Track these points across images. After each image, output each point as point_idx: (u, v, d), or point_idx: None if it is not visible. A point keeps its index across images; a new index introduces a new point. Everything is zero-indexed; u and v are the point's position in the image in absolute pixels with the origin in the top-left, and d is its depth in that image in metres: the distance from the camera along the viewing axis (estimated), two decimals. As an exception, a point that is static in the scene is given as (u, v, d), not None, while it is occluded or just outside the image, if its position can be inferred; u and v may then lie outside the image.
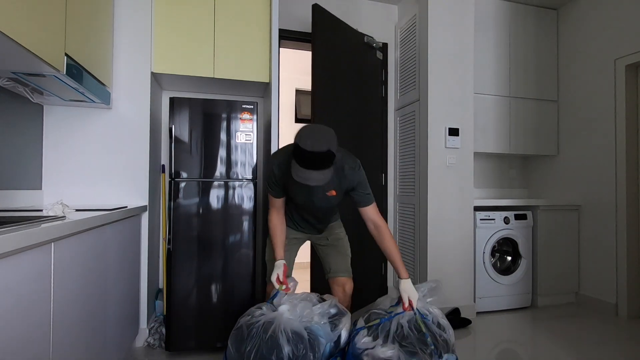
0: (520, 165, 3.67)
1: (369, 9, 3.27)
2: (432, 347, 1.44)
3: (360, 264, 3.10)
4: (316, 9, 2.57)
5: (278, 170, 1.57)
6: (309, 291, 2.57)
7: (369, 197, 1.65)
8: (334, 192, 1.60)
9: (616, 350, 2.22)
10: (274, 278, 1.63)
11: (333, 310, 1.58)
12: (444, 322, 1.57)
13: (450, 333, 1.53)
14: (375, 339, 1.49)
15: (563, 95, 3.36)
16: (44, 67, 1.36)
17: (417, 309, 1.54)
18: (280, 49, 2.76)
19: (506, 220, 2.93)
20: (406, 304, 1.54)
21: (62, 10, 1.45)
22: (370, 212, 1.65)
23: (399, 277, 1.61)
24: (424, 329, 1.48)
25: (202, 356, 2.11)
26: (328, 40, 2.70)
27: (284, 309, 1.51)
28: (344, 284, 1.83)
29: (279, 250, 1.69)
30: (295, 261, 1.93)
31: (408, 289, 1.56)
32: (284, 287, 1.63)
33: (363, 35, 3.05)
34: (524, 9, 3.32)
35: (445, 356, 1.45)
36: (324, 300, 1.65)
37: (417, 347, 1.43)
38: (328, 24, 2.73)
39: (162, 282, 2.59)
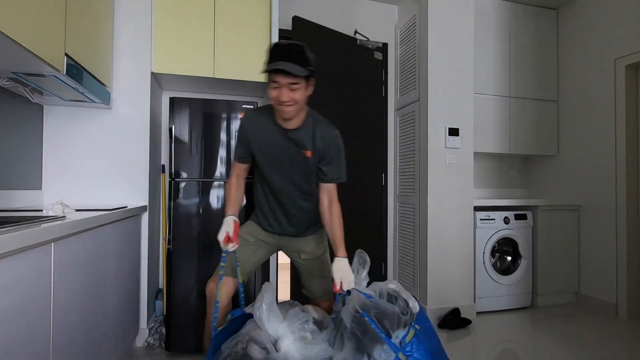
0: (520, 165, 3.67)
1: (369, 9, 3.27)
2: (387, 327, 1.25)
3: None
4: (296, 20, 2.69)
5: (249, 124, 1.51)
6: (289, 296, 2.54)
7: (341, 173, 1.56)
8: (309, 153, 1.47)
9: (616, 350, 2.22)
10: (221, 236, 1.46)
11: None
12: (396, 289, 1.40)
13: (410, 303, 1.36)
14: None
15: (563, 95, 3.36)
16: (44, 67, 1.36)
17: (358, 291, 1.37)
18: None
19: (506, 220, 2.93)
20: (337, 285, 1.41)
21: (62, 10, 1.45)
22: (333, 188, 1.56)
23: (335, 255, 1.50)
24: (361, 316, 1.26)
25: (202, 356, 2.11)
26: (313, 48, 2.74)
27: (288, 346, 1.29)
28: (319, 304, 1.65)
29: (230, 207, 1.55)
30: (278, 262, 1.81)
31: (342, 268, 1.44)
32: (231, 245, 1.46)
33: (356, 39, 3.07)
34: (524, 9, 3.32)
35: (399, 333, 1.26)
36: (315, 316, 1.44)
37: (366, 339, 1.24)
38: (312, 34, 2.82)
39: (162, 282, 2.59)
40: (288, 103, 1.35)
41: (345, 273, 1.43)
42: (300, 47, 1.35)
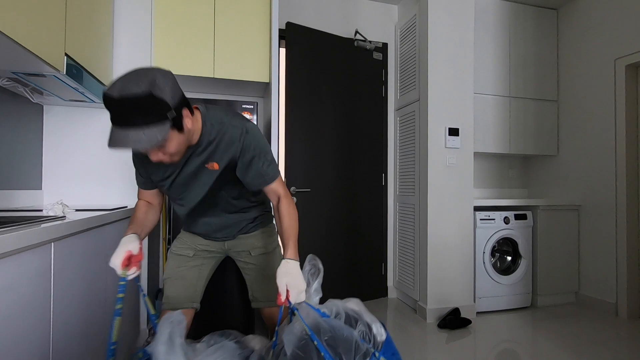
0: (520, 165, 3.67)
1: (369, 9, 3.27)
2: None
3: (358, 263, 3.12)
4: (289, 26, 2.77)
5: (138, 156, 1.24)
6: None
7: (273, 169, 1.25)
8: (215, 165, 1.21)
9: (616, 350, 2.22)
10: (117, 258, 1.14)
11: None
12: (357, 311, 1.17)
13: (374, 328, 1.14)
14: None
15: (563, 95, 3.36)
16: (44, 67, 1.36)
17: (304, 305, 1.11)
18: (280, 48, 2.78)
19: (506, 220, 2.93)
20: (282, 296, 1.09)
21: (62, 10, 1.45)
22: (276, 186, 1.27)
23: (283, 257, 1.19)
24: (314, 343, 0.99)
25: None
26: (306, 53, 2.90)
27: None
28: (272, 313, 1.41)
29: (132, 227, 1.25)
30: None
31: (290, 273, 1.12)
32: (129, 272, 1.16)
33: (353, 40, 3.09)
34: (524, 9, 3.32)
35: None
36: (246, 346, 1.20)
37: None
38: (306, 38, 2.89)
39: (162, 282, 2.59)
40: (167, 160, 1.09)
41: (293, 279, 1.11)
42: (141, 96, 0.91)
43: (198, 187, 1.26)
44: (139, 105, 0.92)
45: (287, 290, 1.10)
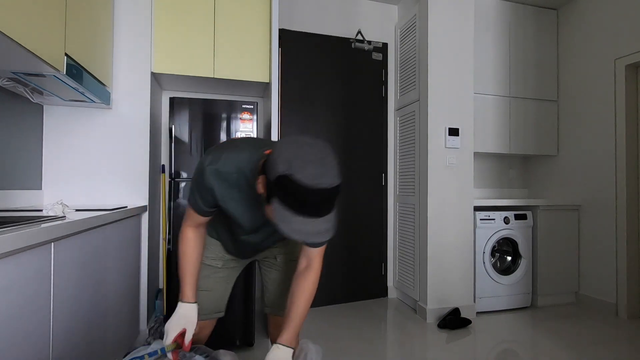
0: (520, 165, 3.67)
1: (369, 9, 3.27)
2: None
3: (358, 263, 3.12)
4: (283, 33, 2.85)
5: (220, 184, 1.01)
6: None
7: (328, 233, 1.03)
8: None
9: (616, 350, 2.22)
10: (173, 333, 1.06)
11: None
12: None
13: None
14: None
15: (563, 95, 3.36)
16: (44, 67, 1.36)
17: None
18: (280, 48, 2.80)
19: (506, 220, 2.93)
20: None
21: (62, 11, 1.45)
22: (318, 252, 1.13)
23: (275, 340, 1.05)
24: None
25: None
26: (301, 58, 2.98)
27: None
28: (280, 326, 1.27)
29: (189, 282, 1.13)
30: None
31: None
32: (173, 348, 1.06)
33: (351, 41, 3.11)
34: (523, 9, 3.32)
35: None
36: None
37: None
38: (301, 43, 2.97)
39: (162, 282, 2.59)
40: None
41: None
42: (339, 185, 0.81)
43: (266, 226, 1.13)
44: (333, 196, 0.80)
45: None
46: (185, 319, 1.10)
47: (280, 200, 0.79)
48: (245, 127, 2.21)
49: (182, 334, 1.09)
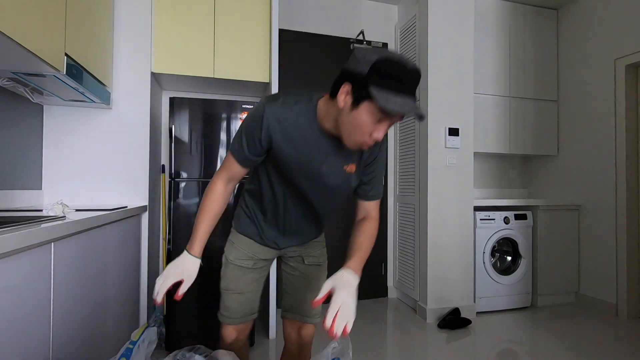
0: (520, 165, 3.67)
1: (369, 9, 3.27)
2: None
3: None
4: (283, 33, 2.85)
5: (277, 124, 0.99)
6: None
7: (381, 188, 1.21)
8: (353, 167, 1.08)
9: (616, 350, 2.22)
10: (167, 282, 1.05)
11: None
12: None
13: None
14: None
15: (563, 95, 3.36)
16: (44, 67, 1.36)
17: None
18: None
19: (506, 220, 2.93)
20: (327, 324, 0.85)
21: (62, 10, 1.45)
22: (375, 205, 1.23)
23: (344, 266, 1.01)
24: None
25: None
26: (302, 57, 3.00)
27: None
28: (305, 330, 1.30)
29: (199, 235, 1.11)
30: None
31: (347, 287, 0.92)
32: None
33: (350, 41, 3.12)
34: (523, 9, 3.32)
35: None
36: None
37: None
38: (300, 43, 2.99)
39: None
40: (371, 145, 0.95)
41: (348, 297, 0.90)
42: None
43: (325, 182, 1.08)
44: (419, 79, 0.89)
45: (337, 312, 0.86)
46: (186, 271, 1.08)
47: (377, 88, 0.83)
48: (245, 127, 2.21)
49: (177, 284, 1.07)
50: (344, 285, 0.92)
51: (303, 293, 1.29)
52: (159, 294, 1.04)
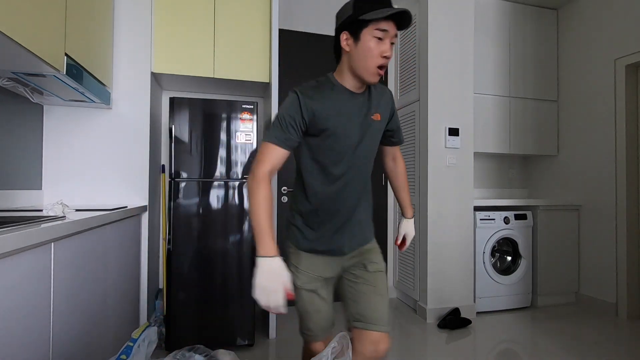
0: (520, 165, 3.67)
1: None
2: None
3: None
4: (283, 33, 2.86)
5: (311, 100, 1.09)
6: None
7: (402, 134, 1.40)
8: (378, 116, 1.20)
9: (616, 350, 2.22)
10: (280, 296, 0.96)
11: None
12: None
13: None
14: None
15: (563, 95, 3.36)
16: (44, 67, 1.36)
17: None
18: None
19: (506, 220, 2.93)
20: (399, 240, 1.44)
21: (62, 10, 1.45)
22: (397, 149, 1.44)
23: (404, 216, 1.46)
24: None
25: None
26: (302, 56, 3.03)
27: None
28: (379, 341, 1.18)
29: (268, 232, 1.02)
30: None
31: (408, 227, 1.45)
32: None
33: None
34: (523, 9, 3.32)
35: None
36: None
37: None
38: (300, 43, 3.01)
39: (162, 282, 2.59)
40: (387, 64, 1.10)
41: (410, 231, 1.45)
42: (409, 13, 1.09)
43: (360, 145, 1.16)
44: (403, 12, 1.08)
45: (405, 239, 1.44)
46: (279, 276, 0.97)
47: (364, 13, 1.03)
48: (245, 127, 2.21)
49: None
50: (410, 229, 1.47)
51: (371, 299, 1.22)
52: (281, 309, 0.97)
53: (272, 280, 0.96)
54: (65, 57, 1.48)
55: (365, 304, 1.21)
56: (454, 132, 2.76)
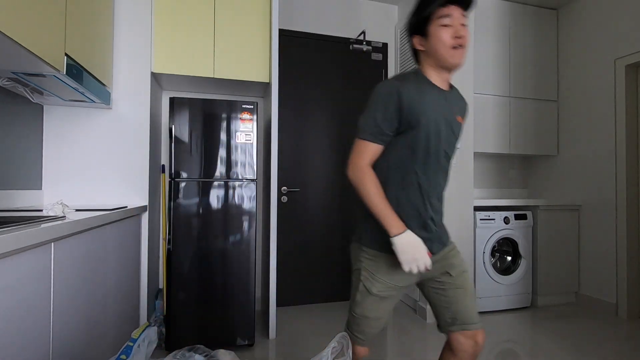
0: (520, 165, 3.67)
1: (369, 9, 3.27)
2: None
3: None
4: (283, 33, 2.86)
5: (406, 87, 1.11)
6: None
7: None
8: (460, 118, 1.23)
9: (616, 350, 2.22)
10: (425, 260, 1.06)
11: None
12: None
13: None
14: None
15: (563, 95, 3.36)
16: (44, 67, 1.36)
17: None
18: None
19: (506, 220, 2.93)
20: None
21: (62, 10, 1.45)
22: None
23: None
24: None
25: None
26: (303, 57, 3.03)
27: None
28: (477, 335, 1.22)
29: (395, 217, 1.08)
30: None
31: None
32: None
33: (349, 42, 3.12)
34: (523, 9, 3.32)
35: None
36: None
37: None
38: (300, 43, 3.01)
39: (162, 282, 2.59)
40: (464, 43, 1.10)
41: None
42: None
43: (445, 142, 1.17)
44: None
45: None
46: (418, 244, 1.06)
47: (427, 8, 1.10)
48: (246, 127, 2.21)
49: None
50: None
51: (461, 300, 1.22)
52: (429, 266, 1.08)
53: (416, 250, 1.05)
54: (65, 57, 1.48)
55: (457, 307, 1.21)
56: (454, 132, 2.75)
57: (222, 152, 2.18)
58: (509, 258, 3.05)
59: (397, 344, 2.34)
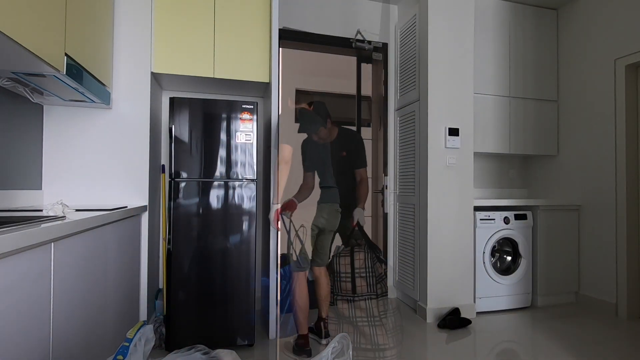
0: (520, 165, 3.67)
1: (369, 9, 3.27)
2: None
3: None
4: (283, 32, 2.87)
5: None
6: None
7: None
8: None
9: (616, 350, 2.22)
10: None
11: None
12: None
13: None
14: None
15: (563, 95, 3.36)
16: (44, 67, 1.36)
17: None
18: (280, 48, 2.81)
19: (506, 220, 2.93)
20: (354, 223, 2.23)
21: (62, 11, 1.45)
22: (364, 171, 2.33)
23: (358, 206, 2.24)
24: None
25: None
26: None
27: None
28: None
29: None
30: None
31: (359, 214, 2.29)
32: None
33: (351, 41, 3.13)
34: (523, 9, 3.32)
35: None
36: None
37: None
38: (299, 42, 3.02)
39: (162, 282, 2.59)
40: None
41: (361, 218, 2.24)
42: None
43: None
44: None
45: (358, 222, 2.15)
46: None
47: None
48: (245, 127, 2.21)
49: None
50: (356, 214, 2.29)
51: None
52: None
53: None
54: (65, 57, 1.48)
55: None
56: (454, 132, 2.76)
57: (222, 152, 2.18)
58: (509, 258, 3.05)
59: (397, 344, 2.34)
